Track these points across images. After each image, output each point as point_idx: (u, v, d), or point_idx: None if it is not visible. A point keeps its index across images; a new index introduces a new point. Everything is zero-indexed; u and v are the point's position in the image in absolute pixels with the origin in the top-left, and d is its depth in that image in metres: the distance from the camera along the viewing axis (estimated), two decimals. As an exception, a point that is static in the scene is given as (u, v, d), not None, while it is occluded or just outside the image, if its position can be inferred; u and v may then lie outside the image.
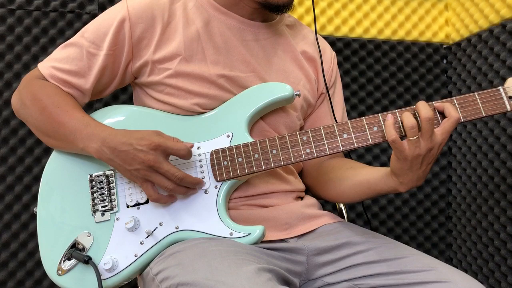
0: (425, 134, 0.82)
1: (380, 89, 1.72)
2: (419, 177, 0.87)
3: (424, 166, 0.86)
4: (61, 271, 0.93)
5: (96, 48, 0.99)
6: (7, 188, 1.40)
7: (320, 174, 1.10)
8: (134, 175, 0.89)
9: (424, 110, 0.83)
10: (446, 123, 0.84)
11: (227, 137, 0.96)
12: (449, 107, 0.85)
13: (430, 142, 0.83)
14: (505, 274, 1.48)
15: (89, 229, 0.94)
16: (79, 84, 1.00)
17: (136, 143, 0.87)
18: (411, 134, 0.83)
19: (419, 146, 0.83)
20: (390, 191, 0.93)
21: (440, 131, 0.84)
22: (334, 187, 1.05)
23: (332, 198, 1.09)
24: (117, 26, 0.98)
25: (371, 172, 0.97)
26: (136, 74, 1.03)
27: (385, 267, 0.90)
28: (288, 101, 0.99)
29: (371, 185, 0.96)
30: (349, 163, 1.08)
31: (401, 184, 0.89)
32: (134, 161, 0.87)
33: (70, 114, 0.95)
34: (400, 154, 0.84)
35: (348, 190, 1.01)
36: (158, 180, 0.88)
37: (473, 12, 1.62)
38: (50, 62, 1.02)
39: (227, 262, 0.76)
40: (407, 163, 0.85)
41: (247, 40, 1.04)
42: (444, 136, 0.84)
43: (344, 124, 0.90)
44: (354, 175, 1.01)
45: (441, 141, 0.84)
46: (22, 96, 1.00)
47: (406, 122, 0.83)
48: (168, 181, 0.88)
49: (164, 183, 0.88)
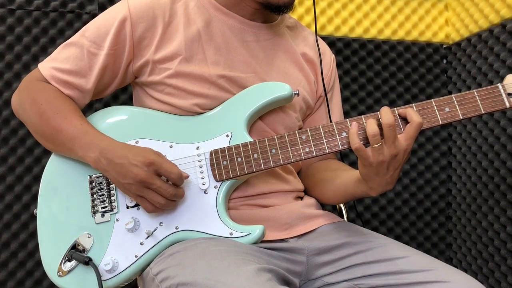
0: (387, 140, 0.83)
1: (380, 89, 1.72)
2: (388, 182, 0.88)
3: (391, 172, 0.86)
4: (62, 272, 0.93)
5: (97, 48, 0.99)
6: (7, 188, 1.40)
7: (309, 175, 1.13)
8: (127, 189, 0.89)
9: (386, 116, 0.83)
10: (408, 128, 0.84)
11: (227, 137, 0.96)
12: (410, 112, 0.85)
13: (394, 148, 0.83)
14: (505, 274, 1.48)
15: (89, 230, 0.94)
16: (80, 84, 1.00)
17: (132, 158, 0.87)
18: (373, 141, 0.83)
19: (383, 153, 0.83)
20: (363, 195, 0.95)
21: (404, 137, 0.84)
22: (319, 189, 1.08)
23: (319, 199, 1.11)
24: (118, 25, 0.98)
25: (348, 176, 0.98)
26: (136, 73, 1.03)
27: (385, 267, 0.90)
28: (287, 100, 0.99)
29: (347, 188, 0.98)
30: (334, 165, 1.10)
31: (370, 189, 0.90)
32: (128, 176, 0.87)
33: (69, 121, 0.94)
34: (365, 161, 0.85)
35: (328, 192, 1.05)
36: (150, 196, 0.88)
37: (473, 12, 1.62)
38: (50, 62, 1.01)
39: (227, 262, 0.76)
40: (373, 169, 0.85)
41: (248, 40, 1.04)
42: (408, 141, 0.84)
43: (343, 123, 0.90)
44: (335, 178, 1.03)
45: (406, 147, 0.84)
46: (22, 98, 1.00)
47: (369, 130, 0.83)
48: (160, 197, 0.87)
49: (156, 199, 0.87)
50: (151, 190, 0.87)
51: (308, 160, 1.11)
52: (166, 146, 0.97)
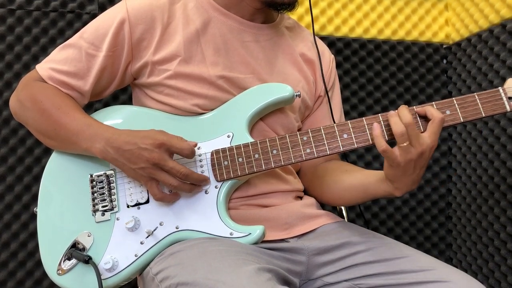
0: (412, 139, 0.82)
1: (380, 89, 1.72)
2: (414, 181, 0.87)
3: (418, 170, 0.86)
4: (61, 271, 0.93)
5: (95, 50, 0.99)
6: (7, 188, 1.40)
7: (316, 176, 1.11)
8: (139, 174, 0.89)
9: (404, 115, 0.83)
10: (431, 125, 0.84)
11: (228, 137, 0.96)
12: (430, 109, 0.85)
13: (420, 146, 0.83)
14: (505, 274, 1.48)
15: (89, 229, 0.94)
16: (78, 86, 1.00)
17: (141, 142, 0.87)
18: (401, 140, 0.83)
19: (410, 151, 0.83)
20: (386, 196, 0.93)
21: (428, 134, 0.84)
22: (329, 190, 1.06)
23: (328, 201, 1.10)
24: (117, 27, 0.98)
25: (366, 176, 0.97)
26: (135, 75, 1.03)
27: (385, 267, 0.90)
28: (288, 101, 0.99)
29: (366, 189, 0.96)
30: (344, 166, 1.08)
31: (396, 189, 0.89)
32: (139, 160, 0.87)
33: (71, 116, 0.94)
34: (392, 162, 0.84)
35: (343, 193, 1.02)
36: (163, 177, 0.88)
37: (473, 12, 1.62)
38: (48, 63, 1.01)
39: (227, 261, 0.76)
40: (400, 169, 0.85)
41: (247, 41, 1.04)
42: (433, 138, 0.84)
43: (344, 124, 0.90)
44: (349, 179, 1.01)
45: (431, 144, 0.84)
46: (21, 98, 1.00)
47: (396, 129, 0.83)
48: (173, 178, 0.88)
49: (169, 181, 0.88)
50: (164, 172, 0.87)
51: (313, 162, 1.11)
52: (167, 146, 0.97)
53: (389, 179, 0.88)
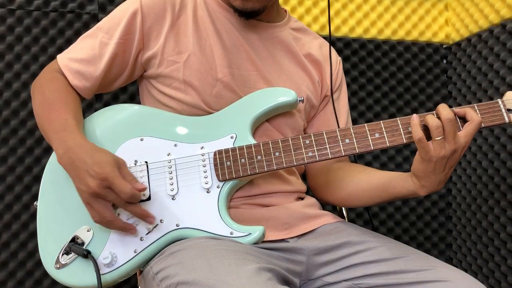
0: (448, 136, 0.83)
1: (380, 89, 1.72)
2: (441, 180, 0.87)
3: (447, 169, 0.86)
4: (59, 264, 0.92)
5: (108, 38, 1.02)
6: (7, 188, 1.40)
7: (331, 178, 1.09)
8: (79, 193, 0.88)
9: (445, 111, 0.84)
10: (468, 126, 0.85)
11: (231, 138, 0.96)
12: (470, 111, 0.86)
13: (454, 144, 0.83)
14: (505, 274, 1.48)
15: (89, 224, 0.93)
16: (90, 72, 1.02)
17: (90, 166, 0.84)
18: (436, 134, 0.83)
19: (444, 147, 0.83)
20: (409, 195, 0.92)
21: (463, 134, 0.85)
22: (347, 191, 1.04)
23: (343, 202, 1.08)
24: (130, 17, 1.01)
25: (387, 175, 0.97)
26: (145, 65, 1.05)
27: (385, 267, 0.90)
28: (291, 106, 1.01)
29: (388, 188, 0.95)
30: (361, 167, 1.08)
31: (422, 187, 0.88)
32: (82, 182, 0.85)
33: (57, 114, 0.95)
34: (425, 155, 0.84)
35: (361, 193, 1.01)
36: (98, 207, 0.86)
37: (473, 12, 1.62)
38: (67, 53, 1.05)
39: (227, 261, 0.76)
40: (431, 165, 0.85)
41: (252, 39, 1.06)
42: (467, 138, 0.85)
43: (346, 130, 0.92)
44: (368, 178, 1.00)
45: (465, 144, 0.85)
46: (34, 84, 1.04)
47: (431, 123, 0.84)
48: (109, 212, 0.86)
49: (103, 213, 0.86)
50: (103, 202, 0.85)
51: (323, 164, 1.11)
52: (171, 145, 0.97)
53: (418, 175, 0.88)
